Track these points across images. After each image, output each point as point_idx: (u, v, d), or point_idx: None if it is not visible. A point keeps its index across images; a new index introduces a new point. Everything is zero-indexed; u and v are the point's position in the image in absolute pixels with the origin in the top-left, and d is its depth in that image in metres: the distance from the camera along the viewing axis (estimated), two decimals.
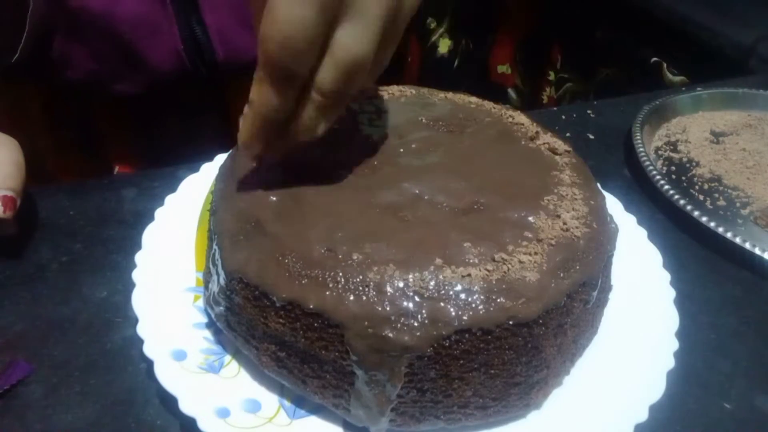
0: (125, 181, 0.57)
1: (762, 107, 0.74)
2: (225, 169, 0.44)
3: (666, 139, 0.69)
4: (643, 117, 0.68)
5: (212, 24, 0.60)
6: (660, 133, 0.70)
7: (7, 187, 0.46)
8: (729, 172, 0.63)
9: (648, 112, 0.69)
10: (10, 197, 0.46)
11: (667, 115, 0.72)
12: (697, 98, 0.74)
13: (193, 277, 0.46)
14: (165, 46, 0.60)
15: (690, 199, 0.58)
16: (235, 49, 0.62)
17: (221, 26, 0.61)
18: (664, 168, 0.64)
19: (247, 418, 0.37)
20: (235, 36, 0.62)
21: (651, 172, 0.60)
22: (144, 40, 0.59)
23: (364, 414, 0.36)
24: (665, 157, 0.66)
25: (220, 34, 0.61)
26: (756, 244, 0.53)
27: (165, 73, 0.62)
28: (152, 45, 0.60)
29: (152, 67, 0.61)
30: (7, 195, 0.45)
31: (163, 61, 0.61)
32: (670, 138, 0.69)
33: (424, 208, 0.40)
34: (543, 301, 0.35)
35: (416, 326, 0.33)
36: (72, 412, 0.39)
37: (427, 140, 0.46)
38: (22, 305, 0.45)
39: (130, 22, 0.58)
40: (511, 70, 1.42)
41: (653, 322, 0.44)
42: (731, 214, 0.58)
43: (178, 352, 0.40)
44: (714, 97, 0.75)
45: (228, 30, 0.61)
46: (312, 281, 0.35)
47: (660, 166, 0.64)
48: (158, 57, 0.61)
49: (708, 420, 0.42)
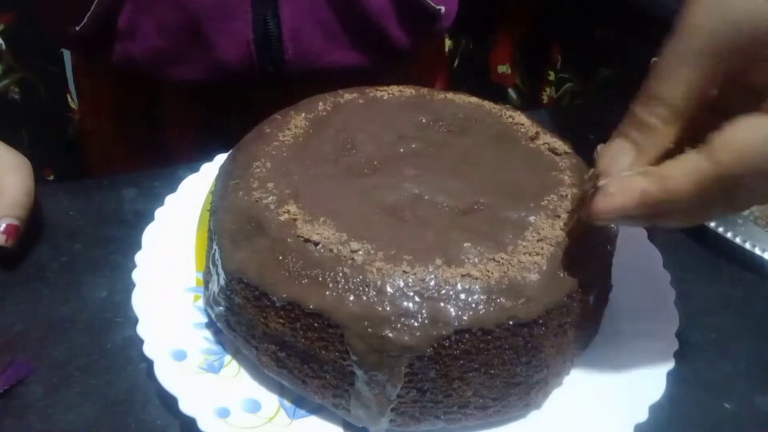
0: (125, 181, 0.57)
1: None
2: (225, 169, 0.44)
3: None
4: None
5: (287, 20, 0.58)
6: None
7: (13, 215, 0.46)
8: None
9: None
10: (15, 226, 0.46)
11: None
12: None
13: (193, 277, 0.46)
14: (235, 34, 0.58)
15: None
16: (305, 50, 0.60)
17: (296, 24, 0.59)
18: None
19: (247, 418, 0.37)
20: (308, 37, 0.60)
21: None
22: (215, 23, 0.58)
23: (364, 414, 0.36)
24: None
25: (293, 32, 0.59)
26: (756, 244, 0.53)
27: (229, 63, 0.60)
28: (223, 30, 0.58)
29: (218, 53, 0.59)
30: (12, 224, 0.46)
31: (230, 50, 0.59)
32: None
33: (424, 208, 0.40)
34: (543, 301, 0.35)
35: (416, 326, 0.33)
36: (72, 412, 0.39)
37: (427, 140, 0.46)
38: (22, 305, 0.45)
39: (206, 2, 0.57)
40: (511, 70, 1.42)
41: (653, 322, 0.44)
42: (731, 214, 0.58)
43: (178, 352, 0.40)
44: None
45: (302, 29, 0.60)
46: (312, 281, 0.35)
47: None
48: (226, 44, 0.59)
49: (708, 420, 0.42)
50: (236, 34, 0.58)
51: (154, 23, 0.58)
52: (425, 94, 0.52)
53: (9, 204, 0.46)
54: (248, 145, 0.45)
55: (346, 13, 0.60)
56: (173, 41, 0.59)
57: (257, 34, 0.59)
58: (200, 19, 0.57)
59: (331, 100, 0.50)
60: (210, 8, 0.57)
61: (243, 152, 0.44)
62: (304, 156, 0.44)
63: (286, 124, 0.47)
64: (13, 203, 0.46)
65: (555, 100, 1.40)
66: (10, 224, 0.45)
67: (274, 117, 0.48)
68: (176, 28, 0.58)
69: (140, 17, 0.58)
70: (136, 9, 0.58)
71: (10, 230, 0.45)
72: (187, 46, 0.59)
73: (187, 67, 0.61)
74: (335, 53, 0.62)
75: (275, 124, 0.47)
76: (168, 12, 0.57)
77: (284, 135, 0.46)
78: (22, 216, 0.46)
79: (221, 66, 0.60)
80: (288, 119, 0.47)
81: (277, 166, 0.43)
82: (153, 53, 0.60)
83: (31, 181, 0.48)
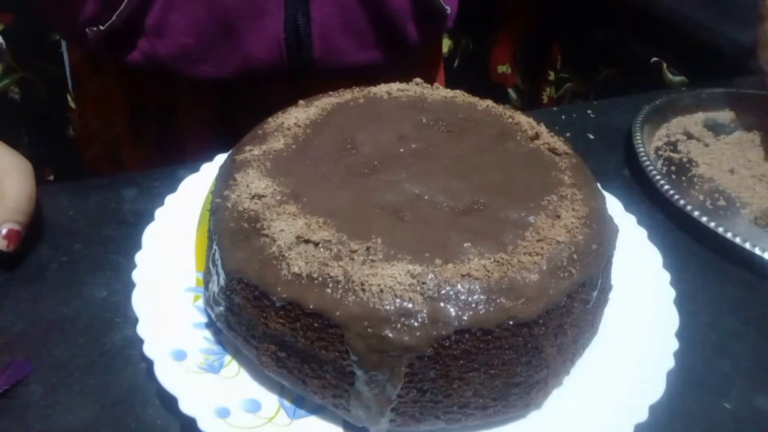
0: (125, 181, 0.57)
1: (762, 107, 0.74)
2: (225, 168, 0.44)
3: (666, 139, 0.69)
4: (643, 117, 0.68)
5: (317, 19, 0.59)
6: (660, 133, 0.70)
7: (15, 220, 0.46)
8: (729, 172, 0.63)
9: (648, 112, 0.69)
10: (16, 231, 0.46)
11: (667, 115, 0.72)
12: (697, 98, 0.74)
13: (193, 277, 0.46)
14: (267, 31, 0.59)
15: (690, 199, 0.58)
16: (332, 49, 0.62)
17: (325, 23, 0.60)
18: (664, 168, 0.64)
19: (247, 418, 0.37)
20: (336, 36, 0.61)
21: (651, 172, 0.60)
22: (247, 21, 0.58)
23: (364, 414, 0.36)
24: (665, 157, 0.66)
25: (321, 31, 0.60)
26: (756, 244, 0.53)
27: (260, 60, 0.60)
28: (255, 28, 0.59)
29: (249, 50, 0.59)
30: (13, 228, 0.46)
31: (260, 48, 0.59)
32: (670, 138, 0.69)
33: (425, 208, 0.40)
34: (543, 301, 0.35)
35: (416, 326, 0.33)
36: (72, 412, 0.39)
37: (427, 140, 0.46)
38: (22, 305, 0.45)
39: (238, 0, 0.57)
40: (511, 70, 1.42)
41: (653, 322, 0.44)
42: (731, 214, 0.58)
43: (178, 352, 0.40)
44: (714, 97, 0.75)
45: (331, 28, 0.61)
46: (312, 281, 0.35)
47: (660, 166, 0.64)
48: (258, 42, 0.59)
49: (708, 420, 0.42)
50: (268, 33, 0.59)
51: (185, 21, 0.58)
52: (425, 94, 0.52)
53: (10, 209, 0.46)
54: (248, 146, 0.45)
55: (372, 13, 0.61)
56: (203, 39, 0.59)
57: (288, 32, 0.59)
58: (232, 17, 0.58)
59: (331, 100, 0.50)
60: (242, 6, 0.57)
61: (243, 152, 0.44)
62: (304, 156, 0.44)
63: (286, 124, 0.47)
64: (14, 208, 0.46)
65: (555, 100, 1.40)
66: (12, 229, 0.46)
67: (274, 117, 0.48)
68: (207, 25, 0.58)
69: (170, 15, 0.58)
70: (167, 6, 0.58)
71: (12, 235, 0.46)
72: (217, 44, 0.59)
73: (215, 65, 0.61)
74: (360, 52, 0.64)
75: (275, 125, 0.47)
76: (199, 9, 0.57)
77: (284, 135, 0.46)
78: (24, 221, 0.47)
79: (250, 64, 0.60)
80: (288, 119, 0.47)
81: (277, 166, 0.43)
82: (181, 51, 0.60)
83: (32, 185, 0.48)
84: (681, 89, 0.77)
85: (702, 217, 0.55)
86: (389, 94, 0.51)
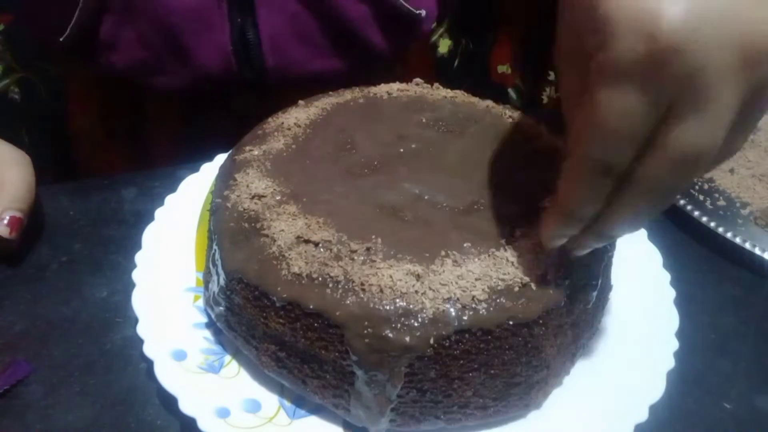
0: (125, 181, 0.57)
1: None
2: (225, 169, 0.44)
3: None
4: None
5: (266, 29, 0.59)
6: None
7: (16, 208, 0.47)
8: (729, 172, 0.63)
9: None
10: (18, 218, 0.47)
11: None
12: None
13: (193, 277, 0.46)
14: (214, 44, 0.59)
15: (690, 199, 0.58)
16: (285, 59, 0.61)
17: (275, 33, 0.60)
18: None
19: (247, 418, 0.37)
20: (288, 46, 0.61)
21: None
22: (194, 35, 0.59)
23: (364, 414, 0.36)
24: None
25: (272, 41, 0.60)
26: (756, 244, 0.53)
27: (210, 73, 0.61)
28: (202, 41, 0.59)
29: (198, 63, 0.60)
30: (15, 216, 0.46)
31: (210, 59, 0.60)
32: None
33: (424, 208, 0.40)
34: (543, 301, 0.35)
35: (416, 326, 0.33)
36: (72, 412, 0.39)
37: (427, 140, 0.46)
38: (22, 305, 0.45)
39: (184, 14, 0.57)
40: (511, 70, 1.42)
41: (653, 322, 0.44)
42: (731, 214, 0.58)
43: (178, 352, 0.40)
44: None
45: (281, 38, 0.60)
46: (312, 281, 0.35)
47: None
48: (206, 54, 0.60)
49: (708, 420, 0.42)
50: (215, 45, 0.59)
51: (135, 35, 0.59)
52: (425, 94, 0.52)
53: (12, 197, 0.47)
54: (248, 146, 0.45)
55: (325, 21, 0.61)
56: (154, 52, 0.60)
57: (235, 44, 0.59)
58: (178, 31, 0.58)
59: (331, 100, 0.50)
60: (188, 20, 0.58)
61: (243, 152, 0.44)
62: (303, 156, 0.44)
63: (286, 125, 0.47)
64: (15, 197, 0.47)
65: (555, 100, 1.40)
66: (14, 216, 0.46)
67: (274, 117, 0.48)
68: (156, 39, 0.59)
69: (121, 29, 0.59)
70: (117, 21, 0.58)
71: (14, 222, 0.46)
72: (169, 58, 0.60)
73: (169, 76, 0.62)
74: (316, 61, 0.63)
75: (275, 125, 0.47)
76: (147, 24, 0.58)
77: (284, 135, 0.46)
78: (25, 209, 0.47)
79: (201, 75, 0.61)
80: (288, 119, 0.47)
81: (276, 166, 0.43)
82: (135, 63, 0.61)
83: (32, 176, 0.49)
84: None
85: (702, 217, 0.55)
86: (389, 94, 0.51)
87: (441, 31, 1.70)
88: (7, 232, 0.46)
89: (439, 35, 1.69)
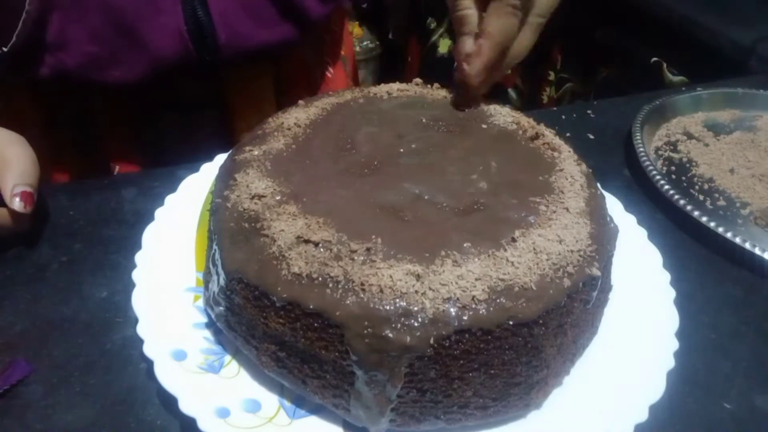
0: (125, 181, 0.57)
1: (762, 107, 0.74)
2: (225, 169, 0.44)
3: (666, 139, 0.69)
4: (643, 117, 0.68)
5: (215, 6, 0.61)
6: (660, 133, 0.70)
7: (25, 183, 0.48)
8: (729, 172, 0.63)
9: (648, 112, 0.69)
10: (29, 192, 0.48)
11: (667, 115, 0.72)
12: (697, 98, 0.74)
13: (193, 277, 0.46)
14: (168, 28, 0.60)
15: (690, 199, 0.58)
16: (236, 33, 0.63)
17: (224, 9, 0.61)
18: (664, 168, 0.64)
19: (247, 418, 0.37)
20: (238, 20, 0.62)
21: (651, 172, 0.60)
22: (146, 21, 0.59)
23: (364, 414, 0.36)
24: (665, 157, 0.66)
25: (221, 16, 0.61)
26: (756, 244, 0.53)
27: (166, 57, 0.61)
28: (155, 26, 0.59)
29: (154, 49, 0.60)
30: (26, 191, 0.47)
31: (165, 44, 0.60)
32: (670, 138, 0.69)
33: (424, 208, 0.40)
34: (543, 301, 0.35)
35: (416, 326, 0.33)
36: (72, 412, 0.39)
37: (427, 140, 0.46)
38: (22, 305, 0.45)
39: (134, 2, 0.58)
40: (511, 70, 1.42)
41: (653, 322, 0.44)
42: (731, 214, 0.58)
43: (178, 352, 0.40)
44: (714, 97, 0.75)
45: (231, 14, 0.62)
46: (312, 281, 0.35)
47: (660, 166, 0.64)
48: (160, 39, 0.60)
49: (708, 420, 0.42)
50: (168, 27, 0.60)
51: (85, 30, 0.59)
52: (425, 94, 0.52)
53: (20, 173, 0.47)
54: (248, 146, 0.45)
55: None
56: (107, 45, 0.60)
57: (189, 24, 0.60)
58: (130, 20, 0.58)
59: (331, 100, 0.50)
60: (138, 8, 0.58)
61: (242, 152, 0.44)
62: (304, 156, 0.44)
63: (286, 124, 0.47)
64: (23, 171, 0.48)
65: (555, 100, 1.40)
66: (25, 191, 0.47)
67: (274, 117, 0.48)
68: (107, 32, 0.59)
69: (69, 26, 0.59)
70: (64, 19, 0.58)
71: (26, 197, 0.47)
72: (121, 49, 0.60)
73: (124, 68, 0.62)
74: (262, 32, 0.65)
75: (275, 125, 0.47)
76: (97, 17, 0.58)
77: (284, 135, 0.46)
78: (34, 183, 0.48)
79: (158, 62, 0.61)
80: (288, 119, 0.47)
81: (277, 166, 0.43)
82: (87, 60, 0.61)
83: (32, 151, 0.49)
84: (681, 89, 0.77)
85: (702, 217, 0.55)
86: (389, 94, 0.51)
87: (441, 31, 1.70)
88: (21, 206, 0.47)
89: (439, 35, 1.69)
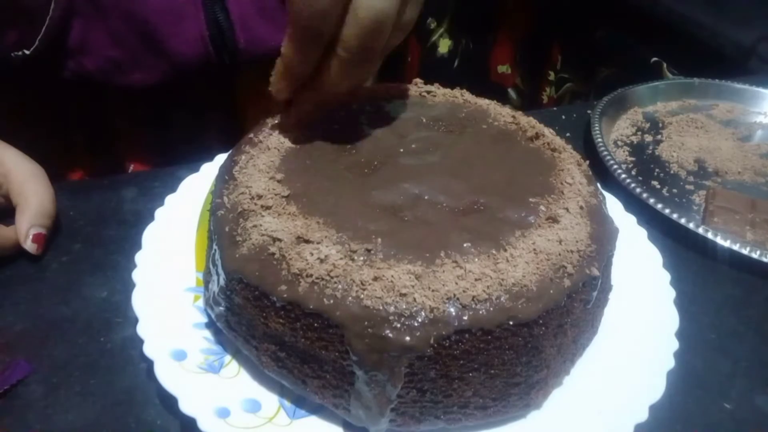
0: (125, 181, 0.57)
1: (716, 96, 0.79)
2: (225, 169, 0.44)
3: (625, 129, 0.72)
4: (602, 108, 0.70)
5: (235, 11, 0.62)
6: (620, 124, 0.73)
7: (41, 224, 0.48)
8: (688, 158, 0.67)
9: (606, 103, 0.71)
10: (43, 234, 0.48)
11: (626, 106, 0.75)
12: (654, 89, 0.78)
13: (193, 277, 0.46)
14: (190, 32, 0.61)
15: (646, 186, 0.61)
16: (255, 37, 0.63)
17: (243, 14, 0.62)
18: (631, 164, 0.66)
19: (247, 418, 0.37)
20: (256, 24, 0.63)
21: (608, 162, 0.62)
22: (169, 27, 0.60)
23: (364, 414, 0.36)
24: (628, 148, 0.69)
25: (242, 22, 0.62)
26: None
27: (187, 61, 0.62)
28: (177, 31, 0.60)
29: (175, 53, 0.61)
30: (40, 233, 0.48)
31: (186, 48, 0.61)
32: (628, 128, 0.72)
33: (424, 209, 0.40)
34: (543, 301, 0.35)
35: (416, 326, 0.33)
36: (72, 412, 0.39)
37: (427, 140, 0.46)
38: (22, 305, 0.45)
39: (158, 9, 0.59)
40: (511, 70, 1.42)
41: (653, 322, 0.44)
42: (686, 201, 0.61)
43: (178, 352, 0.40)
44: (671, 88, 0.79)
45: (250, 18, 0.63)
46: (312, 281, 0.35)
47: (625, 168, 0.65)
48: (182, 43, 0.61)
49: (708, 420, 0.42)
50: (191, 33, 0.61)
51: (107, 35, 0.60)
52: (426, 94, 0.52)
53: (36, 213, 0.47)
54: (248, 146, 0.45)
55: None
56: (128, 50, 0.61)
57: (211, 29, 0.61)
58: (152, 26, 0.59)
59: (331, 100, 0.50)
60: (160, 13, 0.59)
61: (243, 152, 0.44)
62: (304, 156, 0.44)
63: (286, 124, 0.47)
64: (39, 212, 0.48)
65: (555, 100, 1.40)
66: (39, 233, 0.47)
67: (274, 117, 0.48)
68: (130, 36, 0.60)
69: (92, 31, 0.59)
70: (87, 24, 0.59)
71: (39, 239, 0.47)
72: (143, 53, 0.61)
73: (145, 72, 0.62)
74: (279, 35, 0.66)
75: (275, 124, 0.47)
76: (119, 23, 0.59)
77: (284, 135, 0.46)
78: (49, 225, 0.48)
79: (178, 66, 0.62)
80: (288, 119, 0.47)
81: (276, 166, 0.43)
82: (108, 64, 0.61)
83: (51, 187, 0.49)
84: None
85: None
86: (389, 93, 0.51)
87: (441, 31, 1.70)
88: (34, 249, 0.47)
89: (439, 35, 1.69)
